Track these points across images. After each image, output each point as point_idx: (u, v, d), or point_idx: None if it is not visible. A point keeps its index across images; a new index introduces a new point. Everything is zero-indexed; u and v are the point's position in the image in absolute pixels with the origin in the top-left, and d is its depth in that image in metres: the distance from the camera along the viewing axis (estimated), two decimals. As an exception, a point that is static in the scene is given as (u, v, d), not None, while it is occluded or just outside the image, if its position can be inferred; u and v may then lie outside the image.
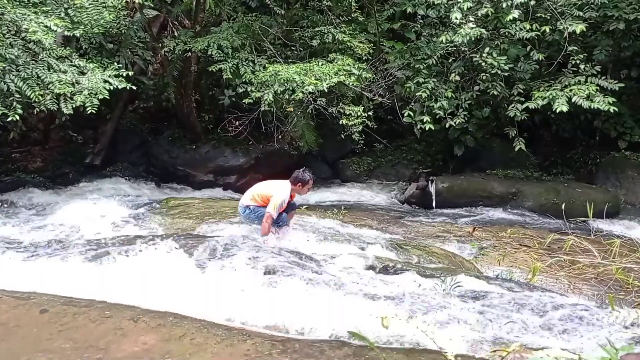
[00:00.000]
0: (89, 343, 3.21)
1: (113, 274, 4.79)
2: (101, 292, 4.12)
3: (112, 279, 4.66)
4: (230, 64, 10.07)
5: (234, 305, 4.14)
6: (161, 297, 4.12)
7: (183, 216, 8.07)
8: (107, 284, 4.50)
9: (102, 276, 4.78)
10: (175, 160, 12.63)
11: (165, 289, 4.35)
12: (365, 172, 13.78)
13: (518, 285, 5.49)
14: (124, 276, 4.71)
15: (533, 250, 7.32)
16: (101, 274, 4.86)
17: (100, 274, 4.85)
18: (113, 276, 4.73)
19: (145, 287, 4.39)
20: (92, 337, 3.28)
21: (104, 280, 4.62)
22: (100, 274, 4.86)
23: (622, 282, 5.73)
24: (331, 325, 3.81)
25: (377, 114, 12.00)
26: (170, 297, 4.14)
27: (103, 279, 4.69)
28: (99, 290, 4.22)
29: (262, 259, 5.26)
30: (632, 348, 1.96)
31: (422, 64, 11.04)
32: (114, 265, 5.04)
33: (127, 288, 4.36)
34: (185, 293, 4.30)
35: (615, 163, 12.88)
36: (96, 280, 4.67)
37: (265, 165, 12.63)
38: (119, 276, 4.72)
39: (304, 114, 11.31)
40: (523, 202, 11.24)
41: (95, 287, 4.38)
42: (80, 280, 4.63)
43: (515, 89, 10.81)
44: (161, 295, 4.18)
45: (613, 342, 3.28)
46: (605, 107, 9.61)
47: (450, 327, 3.91)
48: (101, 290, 4.23)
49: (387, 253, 6.62)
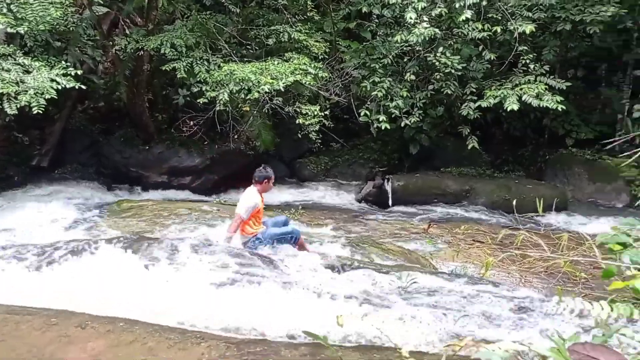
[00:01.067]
0: (32, 353, 3.08)
1: (60, 281, 4.61)
2: (47, 300, 3.96)
3: (58, 285, 4.48)
4: (184, 62, 9.89)
5: (188, 309, 4.05)
6: (111, 302, 4.00)
7: (136, 218, 7.88)
8: (53, 291, 4.33)
9: (48, 283, 4.60)
10: (128, 161, 12.33)
11: (115, 294, 4.21)
12: (322, 171, 13.79)
13: (472, 280, 5.58)
14: (72, 282, 4.54)
15: (486, 246, 7.48)
16: (47, 280, 4.67)
17: (46, 281, 4.66)
18: (60, 283, 4.56)
19: (94, 292, 4.24)
20: (36, 346, 3.14)
21: (50, 287, 4.45)
22: (46, 280, 4.68)
23: (570, 275, 5.91)
24: (287, 326, 3.78)
25: (333, 113, 12.03)
26: (121, 302, 4.02)
27: (49, 286, 4.51)
28: (45, 297, 4.06)
29: (217, 261, 5.17)
30: (579, 338, 2.00)
31: (377, 63, 11.14)
32: (61, 272, 4.85)
33: (74, 294, 4.20)
34: (136, 297, 4.18)
35: (563, 160, 13.31)
36: (42, 287, 4.49)
37: (221, 165, 12.48)
38: (67, 282, 4.55)
39: (260, 113, 11.22)
40: (476, 199, 11.49)
41: (40, 294, 4.21)
42: (24, 288, 4.44)
43: (468, 88, 11.04)
44: (111, 300, 4.06)
45: (561, 332, 3.36)
46: (554, 106, 9.92)
47: (406, 324, 3.93)
48: (47, 297, 4.06)
49: (344, 252, 6.63)
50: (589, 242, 5.78)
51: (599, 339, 2.01)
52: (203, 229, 6.92)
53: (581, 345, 1.69)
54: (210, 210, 8.18)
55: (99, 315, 3.56)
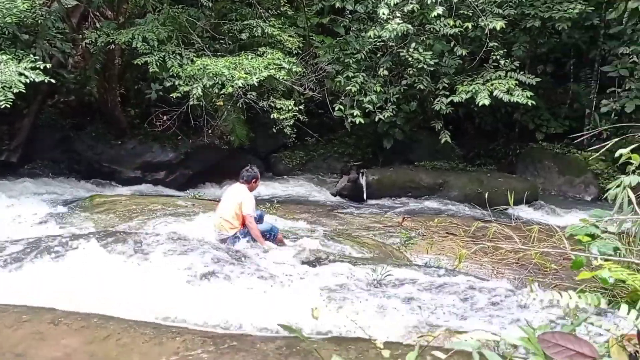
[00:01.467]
0: (4, 350, 3.02)
1: (32, 277, 4.54)
2: (18, 297, 3.89)
3: (30, 282, 4.41)
4: (156, 57, 9.78)
5: (163, 304, 4.03)
6: (84, 298, 3.95)
7: (109, 214, 7.78)
8: (25, 287, 4.25)
9: (20, 280, 4.51)
10: (100, 156, 12.16)
11: (88, 289, 4.16)
12: (297, 165, 13.81)
13: (445, 272, 5.66)
14: (44, 279, 4.48)
15: (459, 238, 7.59)
16: (19, 277, 4.59)
17: (17, 278, 4.58)
18: (32, 279, 4.48)
19: (67, 288, 4.18)
20: (7, 344, 3.08)
21: (22, 284, 4.37)
22: (18, 277, 4.59)
23: (541, 266, 6.04)
24: (263, 319, 3.79)
25: (308, 108, 12.04)
26: (95, 298, 3.97)
27: (21, 283, 4.43)
28: (16, 294, 3.99)
29: (191, 256, 5.14)
30: (548, 327, 2.06)
31: (351, 58, 11.18)
32: (32, 268, 4.77)
33: (47, 291, 4.14)
34: (110, 293, 4.14)
35: (533, 154, 13.58)
36: (13, 284, 4.41)
37: (196, 160, 12.40)
38: (39, 279, 4.48)
39: (234, 108, 11.17)
40: (449, 192, 11.64)
41: (11, 291, 4.13)
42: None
43: (440, 84, 11.17)
44: (84, 296, 4.01)
45: (531, 322, 3.45)
46: (524, 101, 10.11)
47: (380, 315, 3.98)
48: (19, 294, 3.99)
49: (319, 245, 6.65)
50: (558, 233, 5.92)
51: (568, 327, 2.06)
52: (177, 223, 6.86)
53: (550, 334, 1.74)
54: (185, 205, 8.12)
55: (72, 311, 3.52)
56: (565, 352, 1.63)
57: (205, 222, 6.98)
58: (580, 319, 2.20)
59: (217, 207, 6.56)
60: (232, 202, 6.24)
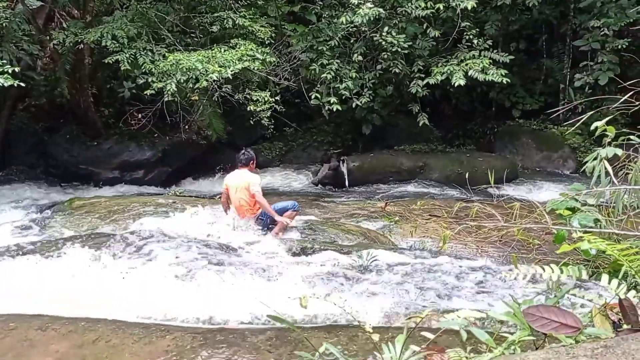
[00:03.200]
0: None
1: (15, 284, 4.48)
2: (4, 305, 3.84)
3: (14, 289, 4.35)
4: (127, 54, 9.63)
5: (151, 303, 4.01)
6: (71, 302, 3.91)
7: (89, 216, 7.68)
8: (8, 295, 4.19)
9: (3, 288, 4.45)
10: (76, 158, 11.98)
11: (74, 294, 4.12)
12: (277, 156, 13.76)
13: (430, 254, 5.72)
14: (28, 285, 4.42)
15: (442, 220, 7.64)
16: (1, 285, 4.52)
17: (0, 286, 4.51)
18: (15, 286, 4.42)
19: (52, 294, 4.14)
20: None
21: (6, 292, 4.31)
22: (1, 285, 4.52)
23: (524, 242, 6.11)
24: (252, 312, 3.79)
25: (284, 98, 11.98)
26: (81, 302, 3.94)
27: (4, 291, 4.37)
28: (1, 302, 3.93)
29: (176, 253, 5.12)
30: (533, 301, 2.09)
31: (324, 45, 11.13)
32: (15, 275, 4.71)
33: (32, 297, 4.09)
34: (96, 296, 4.10)
35: (511, 131, 13.71)
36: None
37: (174, 156, 12.29)
38: (22, 286, 4.42)
39: (209, 102, 11.07)
40: (430, 174, 11.72)
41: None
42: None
43: (415, 66, 11.18)
44: (70, 301, 3.97)
45: (516, 297, 3.50)
46: (499, 79, 10.19)
47: (369, 300, 4.01)
48: (4, 302, 3.94)
49: (304, 235, 6.66)
50: (539, 209, 6.00)
51: (552, 300, 2.10)
52: (159, 221, 6.80)
53: (535, 308, 1.77)
54: (166, 203, 8.05)
55: (59, 316, 3.49)
56: (550, 324, 1.66)
57: (188, 218, 6.94)
58: (563, 292, 2.24)
59: (223, 196, 6.77)
60: (241, 188, 6.50)
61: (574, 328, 1.65)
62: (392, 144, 13.24)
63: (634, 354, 1.24)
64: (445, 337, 2.55)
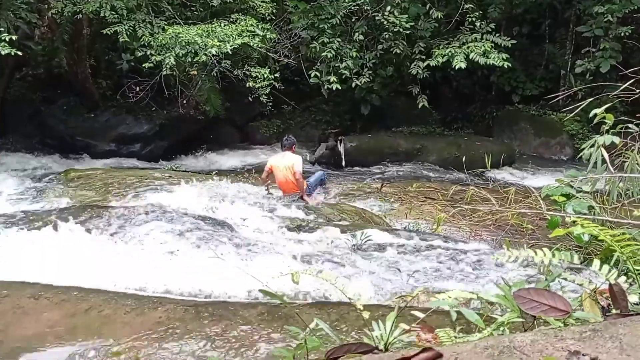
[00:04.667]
0: (-16, 326, 3.01)
1: (9, 252, 4.48)
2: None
3: (8, 257, 4.35)
4: (126, 26, 9.51)
5: (144, 275, 4.02)
6: (64, 272, 3.92)
7: (85, 188, 7.67)
8: (2, 262, 4.20)
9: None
10: (74, 130, 11.92)
11: (68, 263, 4.13)
12: (275, 134, 13.71)
13: (424, 235, 5.74)
14: (22, 254, 4.42)
15: (437, 202, 7.66)
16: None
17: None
18: (9, 254, 4.42)
19: (46, 263, 4.14)
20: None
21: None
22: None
23: (517, 226, 6.15)
24: (245, 287, 3.81)
25: (284, 76, 11.89)
26: (74, 272, 3.94)
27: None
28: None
29: (170, 227, 5.13)
30: (524, 284, 2.10)
31: (326, 23, 11.02)
32: (9, 243, 4.71)
33: (25, 266, 4.10)
34: (90, 266, 4.11)
35: (510, 116, 13.67)
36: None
37: (171, 131, 12.24)
38: (16, 254, 4.43)
39: (208, 77, 10.98)
40: (427, 157, 11.71)
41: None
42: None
43: (416, 47, 11.10)
44: (64, 270, 3.97)
45: (508, 280, 3.52)
46: (500, 63, 10.13)
47: (361, 279, 4.04)
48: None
49: (299, 213, 6.68)
50: (534, 194, 6.01)
51: (542, 284, 2.11)
52: (155, 196, 6.80)
53: (525, 291, 1.77)
54: (162, 177, 8.03)
55: (52, 285, 3.50)
56: (540, 307, 1.66)
57: (183, 193, 6.94)
58: (554, 275, 2.25)
59: (265, 174, 7.71)
60: (287, 168, 7.48)
61: (564, 311, 1.65)
62: (390, 125, 13.21)
63: (621, 338, 1.25)
64: (435, 317, 2.56)
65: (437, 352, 1.28)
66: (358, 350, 1.57)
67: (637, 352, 1.18)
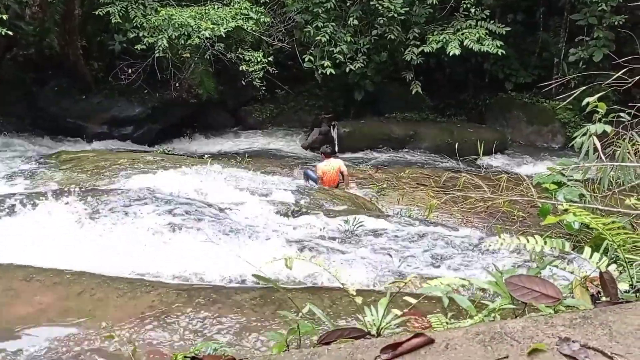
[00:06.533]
0: (-24, 308, 3.00)
1: (1, 234, 4.46)
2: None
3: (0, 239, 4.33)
4: (118, 6, 9.44)
5: (136, 258, 4.02)
6: (56, 255, 3.91)
7: (76, 170, 7.63)
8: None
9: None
10: (66, 112, 11.82)
11: (59, 246, 4.12)
12: (268, 119, 13.68)
13: (416, 221, 5.77)
14: (14, 236, 4.40)
15: (429, 189, 7.69)
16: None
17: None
18: (1, 236, 4.40)
19: (38, 246, 4.13)
20: (-20, 301, 3.06)
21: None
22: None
23: (509, 214, 6.18)
24: (238, 271, 3.82)
25: (277, 60, 11.83)
26: (66, 255, 3.93)
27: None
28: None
29: (165, 211, 5.11)
30: (515, 270, 2.12)
31: (320, 7, 10.95)
32: (2, 225, 4.68)
33: (18, 248, 4.08)
34: (81, 249, 4.10)
35: (502, 103, 13.69)
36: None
37: (164, 114, 12.17)
38: (8, 236, 4.40)
39: (201, 60, 10.91)
40: (420, 143, 11.74)
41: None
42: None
43: (411, 33, 11.06)
44: (56, 253, 3.96)
45: (499, 267, 3.55)
46: (494, 50, 10.12)
47: (353, 264, 4.05)
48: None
49: (292, 198, 6.67)
50: (526, 182, 6.04)
51: (533, 271, 2.13)
52: (146, 178, 6.77)
53: (517, 277, 1.78)
54: (154, 160, 8.00)
55: (44, 267, 3.49)
56: (531, 293, 1.68)
57: (176, 176, 6.91)
58: (546, 262, 2.27)
59: (319, 178, 8.57)
60: (335, 170, 8.47)
61: (554, 298, 1.67)
62: (383, 111, 13.19)
63: (610, 325, 1.27)
64: (427, 302, 2.59)
65: (429, 337, 1.29)
66: (350, 335, 1.58)
67: (626, 339, 1.20)
